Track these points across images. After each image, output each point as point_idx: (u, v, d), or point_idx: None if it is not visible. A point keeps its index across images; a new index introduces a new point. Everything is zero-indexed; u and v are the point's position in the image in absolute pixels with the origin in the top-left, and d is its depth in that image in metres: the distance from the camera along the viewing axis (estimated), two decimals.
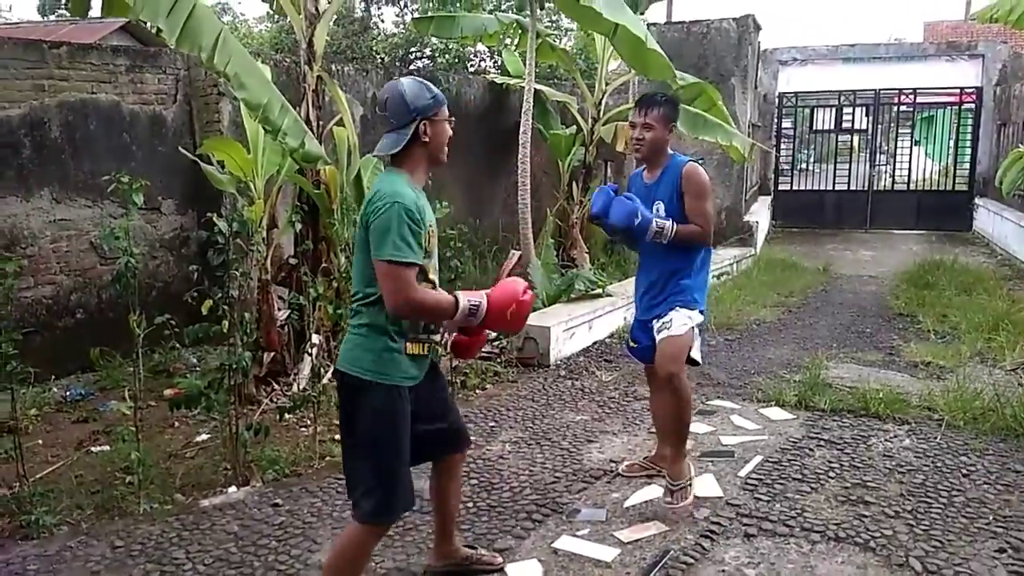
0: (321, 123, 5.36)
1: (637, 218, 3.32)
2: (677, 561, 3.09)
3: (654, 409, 3.89)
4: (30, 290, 5.37)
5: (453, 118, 2.61)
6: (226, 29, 4.26)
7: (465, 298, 2.52)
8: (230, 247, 4.00)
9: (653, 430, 4.52)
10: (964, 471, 3.92)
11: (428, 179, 2.63)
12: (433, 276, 2.57)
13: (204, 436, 4.45)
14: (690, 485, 3.49)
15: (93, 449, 4.28)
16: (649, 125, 3.48)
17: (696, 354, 3.53)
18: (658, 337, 3.48)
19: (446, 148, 2.60)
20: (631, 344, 3.83)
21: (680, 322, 3.43)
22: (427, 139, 2.50)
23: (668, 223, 3.38)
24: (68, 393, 5.15)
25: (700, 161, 3.58)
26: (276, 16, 19.34)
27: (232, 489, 3.76)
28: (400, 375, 2.50)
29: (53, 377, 5.29)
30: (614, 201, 3.39)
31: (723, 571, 3.02)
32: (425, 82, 2.54)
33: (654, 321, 3.53)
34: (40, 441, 4.39)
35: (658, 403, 3.79)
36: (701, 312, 3.54)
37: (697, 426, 4.58)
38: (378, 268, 2.38)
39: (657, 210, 3.49)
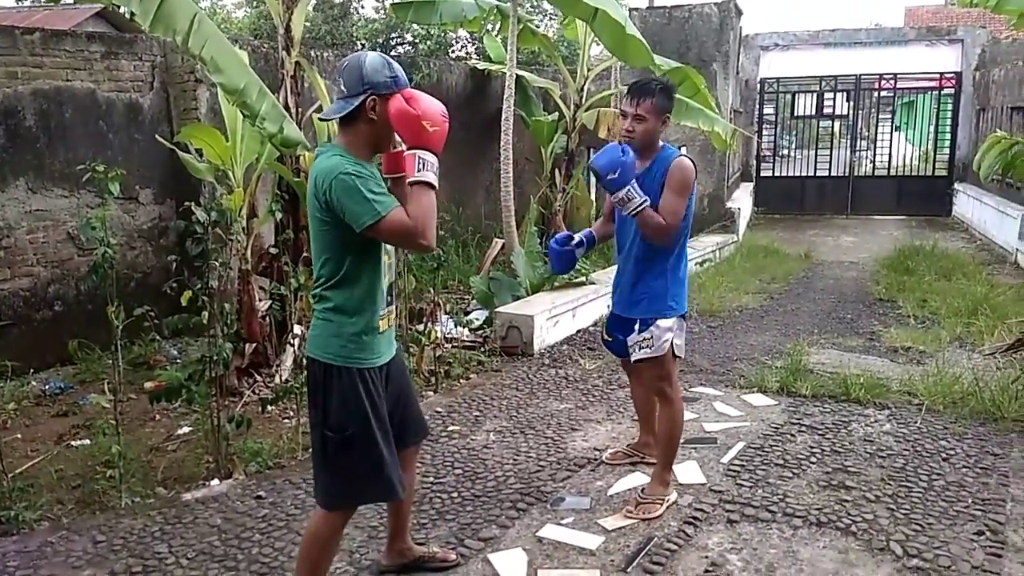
0: (300, 110, 5.31)
1: (615, 173, 3.14)
2: (660, 548, 3.10)
3: (635, 398, 3.89)
4: (7, 282, 5.29)
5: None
6: (202, 13, 4.20)
7: (421, 174, 2.32)
8: (209, 237, 3.95)
9: (636, 417, 4.55)
10: (944, 455, 3.96)
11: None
12: (385, 256, 2.47)
13: (186, 429, 4.41)
14: (660, 504, 3.38)
15: (73, 443, 4.23)
16: (641, 116, 3.29)
17: (679, 350, 3.46)
18: (638, 353, 3.39)
19: (394, 137, 2.44)
20: (606, 338, 3.74)
21: (661, 339, 3.35)
22: (373, 116, 2.35)
23: (639, 198, 3.17)
24: (47, 386, 5.09)
25: (678, 145, 3.54)
26: (255, 1, 19.13)
27: (215, 482, 3.73)
28: (373, 357, 2.45)
29: (31, 370, 5.23)
30: (608, 148, 3.22)
31: (706, 557, 3.04)
32: (393, 63, 2.40)
33: (634, 328, 3.40)
34: (19, 435, 4.34)
35: (638, 392, 3.81)
36: (681, 317, 3.44)
37: None
38: (373, 233, 2.29)
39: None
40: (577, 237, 3.61)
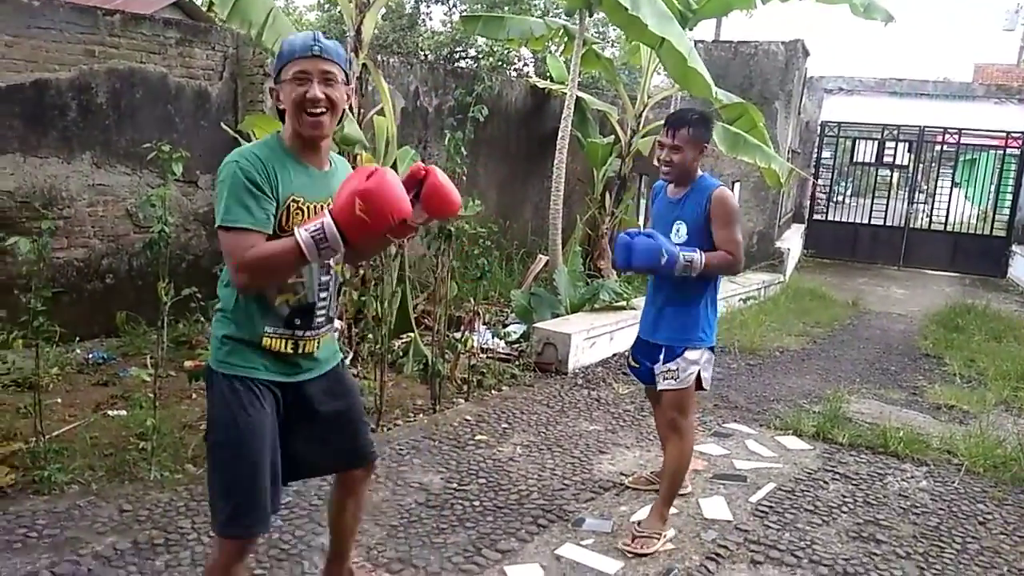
0: (362, 111, 5.40)
1: (663, 256, 3.10)
2: None
3: (659, 426, 3.80)
4: (63, 251, 5.44)
5: (310, 77, 2.09)
6: (277, 8, 4.31)
7: (301, 231, 1.97)
8: None
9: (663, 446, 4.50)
10: (980, 519, 3.84)
11: (318, 151, 2.20)
12: (302, 275, 2.18)
13: None
14: (656, 540, 3.28)
15: (110, 412, 4.32)
16: (677, 147, 3.26)
17: (707, 383, 3.43)
18: (663, 383, 3.37)
19: (305, 117, 2.10)
20: (632, 364, 3.66)
21: (687, 372, 3.32)
22: (282, 105, 2.14)
23: (696, 256, 3.16)
24: (91, 355, 5.21)
25: (732, 179, 3.52)
26: (327, 5, 19.53)
27: None
28: (247, 366, 2.16)
29: (77, 339, 5.35)
30: (635, 243, 3.14)
31: None
32: (295, 37, 2.15)
33: (659, 356, 3.37)
34: (59, 400, 4.44)
35: (662, 421, 3.69)
36: (710, 349, 3.41)
37: (711, 448, 4.55)
38: (219, 238, 2.05)
39: (678, 230, 3.31)
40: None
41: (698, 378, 3.37)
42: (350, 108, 5.13)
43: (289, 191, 2.12)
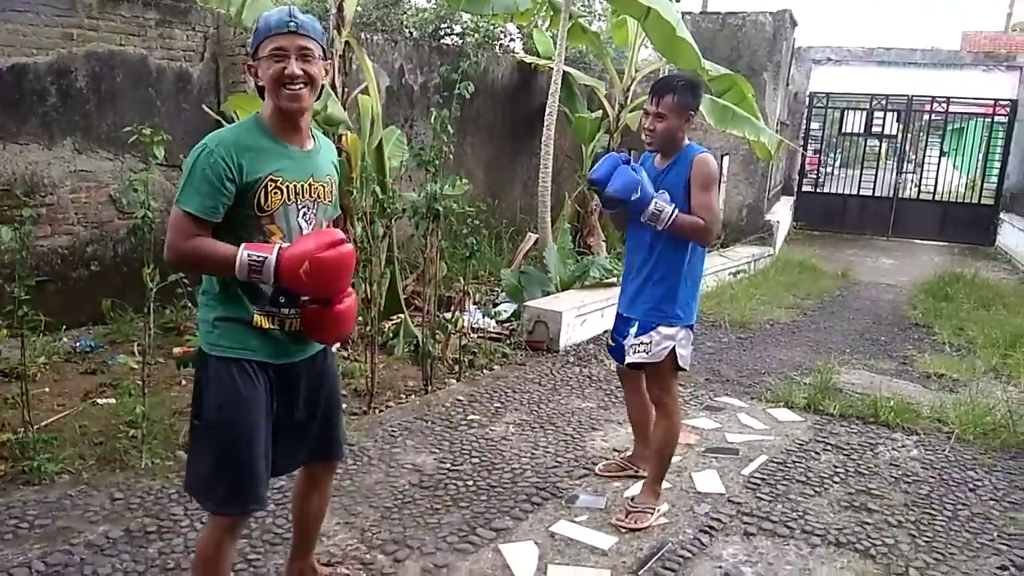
0: (347, 90, 5.34)
1: (636, 192, 3.02)
2: (674, 554, 3.06)
3: (629, 407, 3.74)
4: (47, 239, 5.38)
5: (287, 53, 2.10)
6: None
7: (246, 251, 2.05)
8: None
9: None
10: (971, 485, 3.87)
11: (299, 130, 2.20)
12: (277, 239, 2.15)
13: None
14: (650, 514, 3.28)
15: (99, 401, 4.29)
16: (661, 115, 3.18)
17: (684, 362, 3.31)
18: (632, 356, 3.29)
19: (284, 90, 2.11)
20: (610, 343, 3.60)
21: (660, 345, 3.23)
22: (261, 82, 2.14)
23: (668, 207, 3.07)
24: (78, 344, 5.17)
25: (721, 152, 3.47)
26: None
27: None
28: (239, 348, 2.16)
29: (64, 327, 5.31)
30: (622, 168, 3.08)
31: (720, 567, 3.00)
32: (270, 13, 2.15)
33: (631, 328, 3.32)
34: (47, 389, 4.41)
35: (633, 401, 3.66)
36: (688, 327, 3.30)
37: (703, 422, 4.56)
38: (171, 211, 2.11)
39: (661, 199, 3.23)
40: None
41: (675, 357, 3.26)
42: (333, 87, 5.08)
43: (268, 171, 2.11)
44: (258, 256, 2.05)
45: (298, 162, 2.19)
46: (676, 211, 3.10)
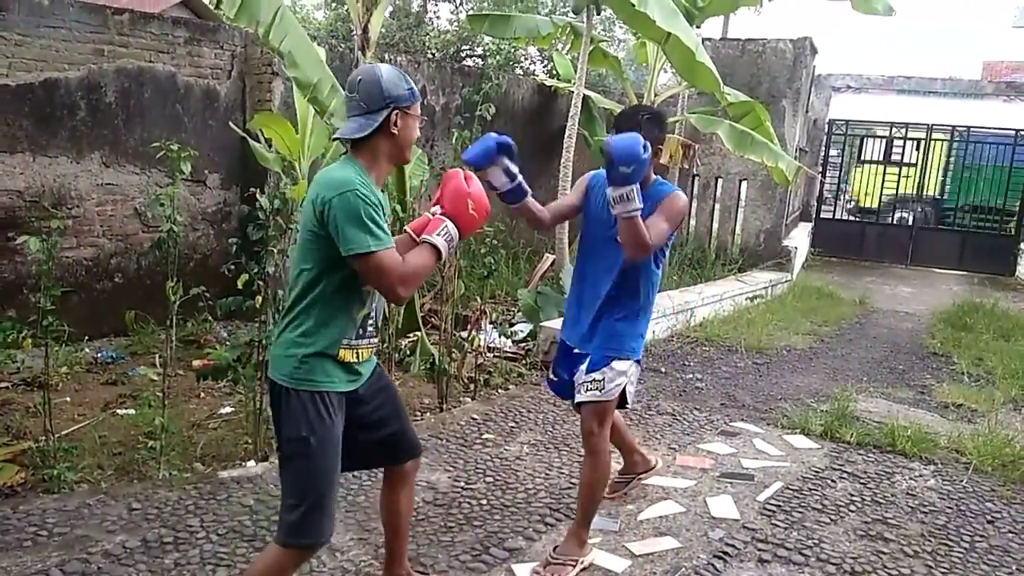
0: None
1: (628, 167, 2.65)
2: None
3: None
4: (72, 250, 5.47)
5: (424, 118, 2.42)
6: (285, 7, 4.32)
7: (436, 238, 2.29)
8: (270, 224, 4.03)
9: (674, 445, 4.50)
10: (989, 517, 3.83)
11: (387, 177, 2.42)
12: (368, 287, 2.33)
13: (228, 409, 4.49)
14: (571, 567, 3.01)
15: (119, 411, 4.34)
16: None
17: (631, 399, 3.18)
18: (584, 395, 3.06)
19: (412, 146, 2.42)
20: (551, 378, 3.35)
21: (613, 382, 3.03)
22: (395, 131, 2.30)
23: (636, 202, 2.70)
24: (99, 355, 5.24)
25: (739, 177, 3.39)
26: (333, 4, 19.54)
27: (251, 463, 3.79)
28: (327, 381, 2.28)
29: (86, 338, 5.38)
30: (633, 136, 2.70)
31: None
32: (403, 73, 2.37)
33: (581, 365, 3.10)
34: (68, 399, 4.47)
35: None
36: (637, 362, 3.13)
37: (718, 446, 4.55)
38: (358, 264, 2.18)
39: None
40: (515, 168, 3.00)
41: (624, 393, 3.09)
42: None
43: (386, 207, 2.33)
44: (440, 230, 2.30)
45: (385, 203, 2.35)
46: (640, 212, 2.75)
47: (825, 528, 3.59)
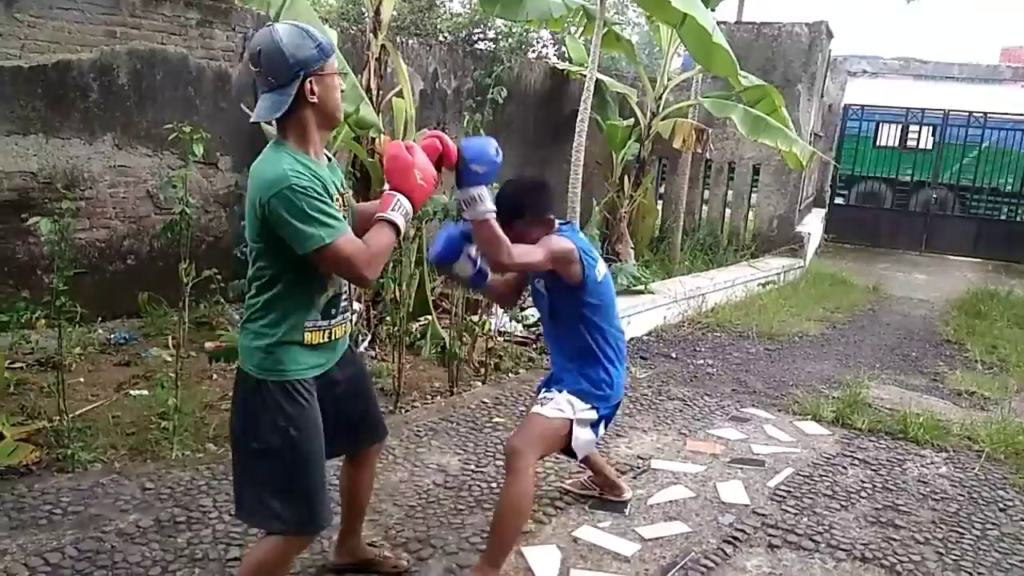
0: (381, 92, 5.39)
1: (480, 167, 2.48)
2: (697, 563, 3.05)
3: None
4: (85, 232, 5.48)
5: (344, 72, 2.30)
6: None
7: (392, 213, 2.17)
8: None
9: (684, 431, 4.50)
10: (1001, 505, 3.81)
11: (328, 146, 2.30)
12: None
13: None
14: None
15: (132, 392, 4.37)
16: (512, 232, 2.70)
17: (578, 450, 2.97)
18: (533, 407, 2.96)
19: (341, 106, 2.25)
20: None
21: (559, 406, 2.86)
22: (315, 99, 2.11)
23: (487, 204, 2.51)
24: (112, 336, 5.27)
25: (752, 162, 3.27)
26: None
27: None
28: (297, 368, 2.21)
29: (99, 319, 5.41)
30: (486, 139, 2.54)
31: None
32: (305, 27, 2.14)
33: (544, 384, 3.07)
34: (82, 380, 4.50)
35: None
36: (595, 408, 2.91)
37: (729, 432, 4.54)
38: (317, 258, 2.07)
39: (539, 282, 2.99)
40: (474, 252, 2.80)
41: (569, 434, 2.89)
42: (368, 90, 5.14)
43: (335, 189, 2.21)
44: (394, 206, 2.18)
45: (332, 175, 2.26)
46: (493, 216, 2.55)
47: (835, 514, 3.58)
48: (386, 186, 2.26)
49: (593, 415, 2.92)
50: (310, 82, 2.09)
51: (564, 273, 2.84)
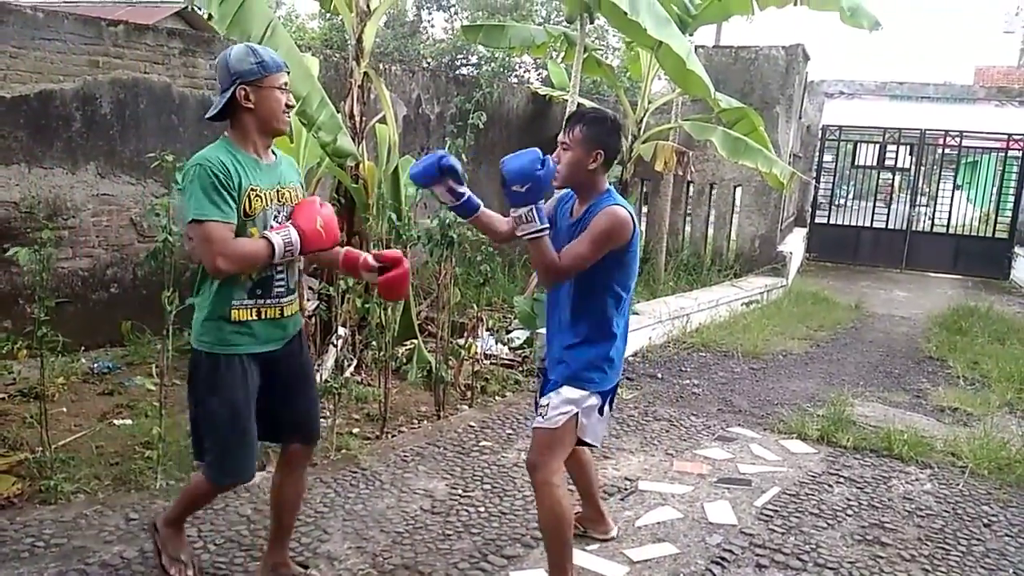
0: (364, 119, 5.42)
1: (521, 186, 2.51)
2: None
3: (569, 472, 3.19)
4: (68, 261, 5.46)
5: (287, 88, 2.54)
6: (276, 21, 4.36)
7: (275, 235, 2.45)
8: None
9: (671, 451, 4.51)
10: (985, 521, 3.84)
11: (269, 147, 2.61)
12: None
13: None
14: None
15: (116, 422, 4.33)
16: (566, 144, 2.76)
17: (591, 437, 2.86)
18: (535, 420, 2.85)
19: (284, 116, 2.54)
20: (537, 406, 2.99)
21: (559, 410, 2.76)
22: (250, 105, 2.46)
23: (536, 223, 2.56)
24: (96, 365, 5.22)
25: (733, 184, 3.24)
26: (328, 14, 19.62)
27: None
28: (226, 345, 2.51)
29: (82, 348, 5.37)
30: (528, 153, 2.58)
31: None
32: (258, 48, 2.50)
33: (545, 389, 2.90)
34: (65, 409, 4.46)
35: (570, 465, 3.11)
36: (598, 394, 2.81)
37: (716, 452, 4.55)
38: (190, 232, 2.39)
39: None
40: (463, 189, 2.80)
41: (577, 426, 2.80)
42: (351, 116, 5.17)
43: (249, 183, 2.47)
44: (286, 235, 2.46)
45: (267, 173, 2.56)
46: (544, 233, 2.61)
47: (822, 533, 3.60)
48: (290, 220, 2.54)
49: (595, 401, 2.80)
50: (244, 90, 2.44)
51: (614, 245, 2.72)
